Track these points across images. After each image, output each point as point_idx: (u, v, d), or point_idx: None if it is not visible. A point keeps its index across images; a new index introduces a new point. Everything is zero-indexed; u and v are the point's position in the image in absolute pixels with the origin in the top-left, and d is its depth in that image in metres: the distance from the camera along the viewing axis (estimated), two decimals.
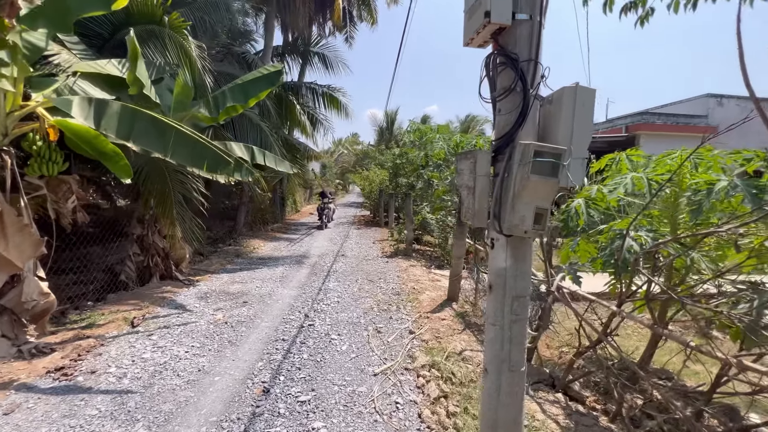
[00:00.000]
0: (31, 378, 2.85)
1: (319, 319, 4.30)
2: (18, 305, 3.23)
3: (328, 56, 12.64)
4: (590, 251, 3.03)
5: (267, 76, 5.21)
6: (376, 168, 15.72)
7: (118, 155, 3.48)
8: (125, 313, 4.25)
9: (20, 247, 3.23)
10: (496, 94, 1.88)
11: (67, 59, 4.03)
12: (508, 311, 1.84)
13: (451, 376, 3.06)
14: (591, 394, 3.02)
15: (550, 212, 1.74)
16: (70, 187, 3.96)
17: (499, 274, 1.85)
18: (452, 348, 3.54)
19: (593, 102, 1.72)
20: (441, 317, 4.37)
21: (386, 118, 26.50)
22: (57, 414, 2.42)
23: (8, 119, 3.24)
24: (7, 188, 3.25)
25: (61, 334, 3.63)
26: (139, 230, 5.51)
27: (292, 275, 6.36)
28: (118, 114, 3.30)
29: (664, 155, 2.84)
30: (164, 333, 3.77)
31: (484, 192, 1.87)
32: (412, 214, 8.70)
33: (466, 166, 1.91)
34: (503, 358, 1.86)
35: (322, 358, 3.34)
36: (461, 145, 8.82)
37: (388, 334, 3.91)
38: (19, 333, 3.28)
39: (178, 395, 2.69)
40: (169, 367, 3.09)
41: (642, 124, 14.48)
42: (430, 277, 6.42)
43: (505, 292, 1.84)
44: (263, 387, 2.81)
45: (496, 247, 1.88)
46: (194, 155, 3.61)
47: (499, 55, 1.82)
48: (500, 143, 1.83)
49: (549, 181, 1.63)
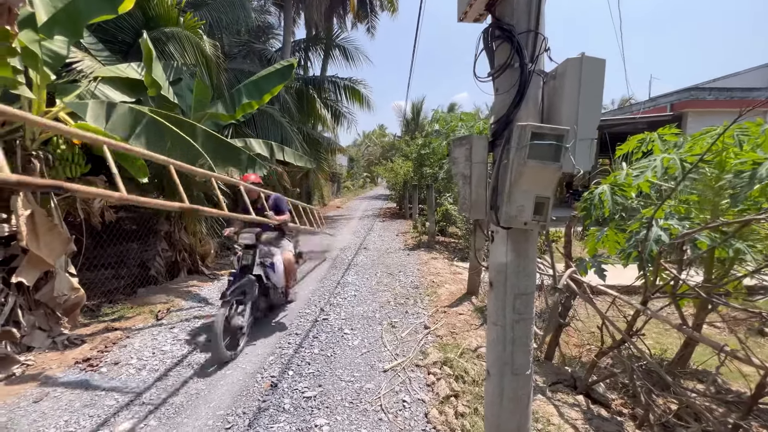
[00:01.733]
0: (61, 368, 3.04)
1: (334, 313, 4.29)
2: (51, 299, 3.45)
3: (349, 49, 12.55)
4: (620, 242, 2.77)
5: (279, 71, 5.21)
6: (400, 159, 15.54)
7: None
8: (152, 306, 4.46)
9: (51, 245, 3.44)
10: (492, 72, 1.71)
11: (90, 65, 4.22)
12: (510, 310, 1.69)
13: (464, 374, 2.93)
14: (618, 397, 2.78)
15: (552, 201, 1.56)
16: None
17: (499, 270, 1.71)
18: (467, 344, 3.40)
19: (602, 74, 1.51)
20: (459, 312, 4.22)
21: (412, 109, 26.11)
22: (79, 403, 2.56)
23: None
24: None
25: (93, 326, 3.86)
26: (167, 227, 5.75)
27: (312, 269, 6.41)
28: (125, 117, 3.40)
29: (703, 132, 2.51)
30: (185, 326, 3.91)
31: (481, 181, 1.72)
32: (435, 205, 8.50)
33: (461, 153, 1.76)
34: (506, 361, 1.72)
35: (333, 353, 3.32)
36: (485, 132, 8.47)
37: (402, 329, 3.83)
38: (53, 325, 3.51)
39: (190, 388, 2.76)
40: (186, 359, 3.19)
41: (690, 101, 13.24)
42: (451, 269, 6.25)
43: (506, 290, 1.69)
44: (271, 381, 2.83)
45: (495, 240, 1.73)
46: (190, 157, 3.66)
47: (495, 28, 1.64)
48: (497, 126, 1.67)
49: (549, 166, 1.45)
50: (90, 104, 3.32)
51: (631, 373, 2.25)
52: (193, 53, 5.31)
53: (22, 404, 2.55)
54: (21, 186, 1.81)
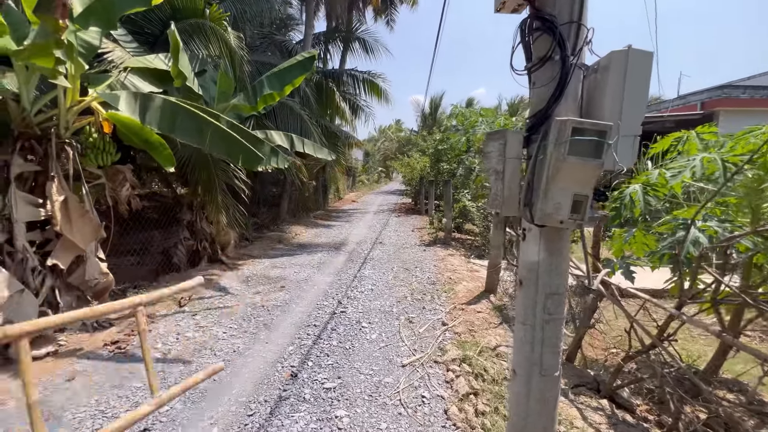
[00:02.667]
0: (91, 349, 3.15)
1: (351, 306, 4.31)
2: (83, 283, 3.58)
3: (369, 41, 12.46)
4: (649, 244, 2.68)
5: (301, 63, 5.22)
6: (417, 154, 15.44)
7: (162, 145, 3.68)
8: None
9: (82, 230, 3.56)
10: (530, 65, 1.66)
11: (120, 56, 4.30)
12: (540, 310, 1.65)
13: (483, 373, 2.91)
14: (642, 402, 2.71)
15: (590, 199, 1.51)
16: (124, 176, 4.29)
17: (530, 269, 1.67)
18: (486, 342, 3.37)
19: (649, 68, 1.45)
20: (477, 309, 4.18)
21: (430, 104, 25.87)
22: (109, 384, 2.66)
23: (69, 113, 3.53)
24: (70, 177, 3.57)
25: None
26: (189, 216, 5.88)
27: (329, 261, 6.46)
28: (160, 108, 3.46)
29: (746, 132, 2.39)
30: (206, 314, 4.00)
31: (514, 177, 1.68)
32: (452, 201, 8.42)
33: (494, 147, 1.72)
34: (534, 361, 1.69)
35: (351, 345, 3.34)
36: (506, 128, 8.31)
37: (419, 325, 3.82)
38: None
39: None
40: (208, 346, 3.27)
41: (722, 99, 12.66)
42: (468, 266, 6.19)
43: (537, 289, 1.66)
44: (291, 371, 2.87)
45: (527, 238, 1.69)
46: (230, 150, 3.71)
47: (535, 19, 1.59)
48: (534, 121, 1.62)
49: (590, 163, 1.40)
50: (123, 95, 3.40)
51: (661, 379, 2.18)
52: (218, 45, 5.36)
53: (56, 382, 2.66)
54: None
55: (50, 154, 3.43)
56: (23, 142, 3.43)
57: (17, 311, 2.95)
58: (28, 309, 3.03)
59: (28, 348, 1.64)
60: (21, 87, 3.35)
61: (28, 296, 3.06)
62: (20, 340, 1.63)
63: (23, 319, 2.97)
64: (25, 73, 3.33)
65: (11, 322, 2.90)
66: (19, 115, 3.42)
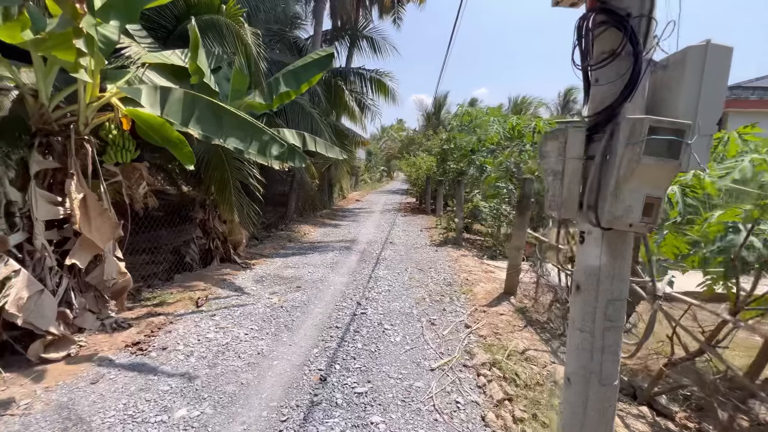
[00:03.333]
0: (112, 351, 3.08)
1: (371, 307, 4.24)
2: (101, 283, 3.51)
3: (376, 39, 12.37)
4: (680, 247, 2.62)
5: (318, 61, 5.15)
6: (424, 154, 15.37)
7: (183, 142, 3.60)
8: (191, 293, 4.51)
9: (101, 229, 3.48)
10: (592, 62, 1.59)
11: (137, 51, 4.23)
12: (601, 316, 1.59)
13: (515, 377, 2.84)
14: (680, 410, 2.64)
15: (663, 202, 1.44)
16: (141, 174, 4.21)
17: (590, 273, 1.60)
18: (514, 346, 3.30)
19: (728, 64, 1.38)
20: (499, 312, 4.12)
21: (434, 103, 25.78)
22: (134, 387, 2.59)
23: (88, 109, 3.46)
24: (89, 175, 3.50)
25: (136, 310, 3.92)
26: (201, 215, 5.81)
27: (342, 261, 6.39)
28: (180, 101, 3.40)
29: None
30: (225, 314, 3.93)
31: (575, 178, 1.61)
32: (463, 201, 8.36)
33: (553, 147, 1.65)
34: (593, 370, 1.62)
35: (376, 348, 3.27)
36: (517, 128, 8.25)
37: (442, 327, 3.75)
38: (102, 308, 3.58)
39: (240, 377, 2.75)
40: (231, 348, 3.20)
41: (732, 100, 12.57)
42: (482, 267, 6.13)
43: (598, 295, 1.59)
44: (320, 375, 2.80)
45: (587, 241, 1.62)
46: (248, 140, 3.65)
47: (600, 13, 1.52)
48: (598, 119, 1.55)
49: (667, 163, 1.34)
50: (144, 90, 3.32)
51: (710, 387, 2.11)
52: (233, 41, 5.28)
53: (80, 385, 2.59)
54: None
55: (69, 150, 3.36)
56: (41, 139, 3.35)
57: (36, 312, 2.88)
58: (47, 310, 2.96)
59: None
60: (39, 82, 3.27)
61: (47, 297, 2.99)
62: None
63: (42, 320, 2.91)
64: (43, 68, 3.26)
65: (31, 323, 2.83)
66: (37, 111, 3.34)
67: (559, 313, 3.76)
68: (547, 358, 3.16)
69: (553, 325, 3.82)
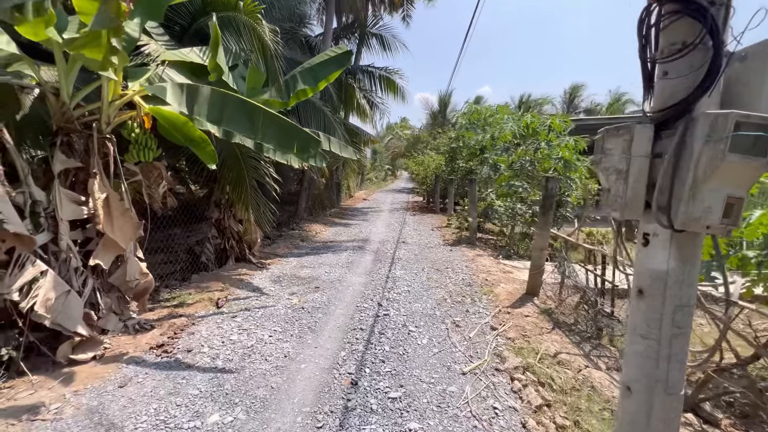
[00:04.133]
0: (137, 353, 3.04)
1: (392, 308, 4.17)
2: (123, 284, 3.47)
3: (386, 37, 12.30)
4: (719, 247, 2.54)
5: (336, 59, 5.06)
6: (432, 152, 15.26)
7: (205, 141, 3.55)
8: (210, 293, 4.46)
9: (123, 229, 3.44)
10: (661, 54, 1.50)
11: (156, 49, 4.17)
12: (668, 323, 1.51)
13: (550, 382, 2.77)
14: (724, 416, 2.56)
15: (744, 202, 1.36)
16: (160, 173, 4.16)
17: (656, 278, 1.52)
18: (545, 349, 3.22)
19: None
20: (523, 313, 4.04)
21: (439, 101, 25.65)
22: (163, 391, 2.53)
23: (110, 108, 3.41)
24: (111, 174, 3.45)
25: (157, 311, 3.87)
26: (217, 214, 5.76)
27: (357, 261, 6.33)
28: (208, 99, 3.34)
29: None
30: (246, 315, 3.88)
31: (640, 177, 1.53)
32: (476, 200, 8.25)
33: (617, 144, 1.56)
34: (658, 378, 1.54)
35: (404, 351, 3.20)
36: (532, 126, 8.15)
37: (468, 329, 3.68)
38: (124, 309, 3.53)
39: (269, 380, 2.70)
40: (257, 350, 3.14)
41: None
42: (500, 268, 6.04)
43: (665, 300, 1.51)
44: (351, 379, 2.74)
45: (652, 243, 1.54)
46: (283, 138, 3.60)
47: (671, 1, 1.43)
48: (667, 115, 1.47)
49: (753, 161, 1.26)
50: (169, 87, 3.26)
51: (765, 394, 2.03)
52: (249, 38, 5.22)
53: (108, 388, 2.54)
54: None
55: (92, 149, 3.31)
56: (63, 138, 3.31)
57: (64, 313, 2.84)
58: (74, 311, 2.91)
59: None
60: (61, 80, 3.22)
61: (74, 298, 2.95)
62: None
63: (69, 321, 2.87)
64: (65, 66, 3.21)
65: (59, 324, 2.79)
66: (58, 109, 3.29)
67: (589, 315, 3.67)
68: (581, 361, 3.08)
69: (582, 327, 3.73)
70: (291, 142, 3.66)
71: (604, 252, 3.53)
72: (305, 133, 3.72)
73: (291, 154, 3.77)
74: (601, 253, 3.55)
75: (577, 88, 29.75)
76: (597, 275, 3.64)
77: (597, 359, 3.15)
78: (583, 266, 3.81)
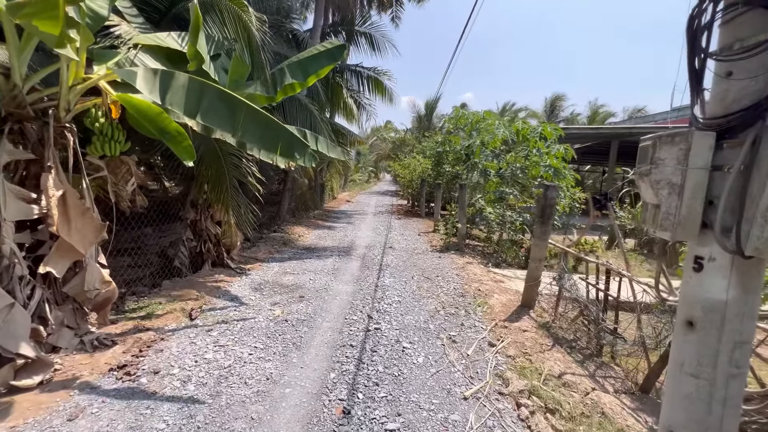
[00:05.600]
0: (94, 375, 2.63)
1: (384, 321, 3.89)
2: (80, 294, 3.04)
3: (376, 36, 12.03)
4: None
5: (328, 52, 4.77)
6: (419, 156, 15.11)
7: (182, 135, 3.17)
8: (182, 303, 4.05)
9: (82, 231, 3.02)
10: (722, 52, 1.31)
11: (128, 31, 3.76)
12: (726, 362, 1.30)
13: (558, 408, 2.56)
14: None
15: None
16: (129, 169, 3.73)
17: (711, 309, 1.31)
18: (548, 369, 3.03)
19: None
20: (521, 328, 3.84)
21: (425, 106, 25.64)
22: (122, 425, 2.16)
23: (71, 93, 2.99)
24: (69, 168, 3.03)
25: (121, 324, 3.45)
26: (193, 215, 5.32)
27: (343, 268, 6.01)
28: (185, 88, 2.97)
29: None
30: (224, 329, 3.51)
31: (698, 192, 1.32)
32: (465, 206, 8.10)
33: (671, 153, 1.35)
34: (710, 425, 1.33)
35: (399, 372, 2.93)
36: (523, 132, 8.08)
37: (465, 345, 3.45)
38: (80, 322, 3.10)
39: (249, 410, 2.36)
40: (235, 372, 2.79)
41: None
42: (491, 276, 5.87)
43: (722, 336, 1.30)
44: (343, 407, 2.44)
45: (707, 269, 1.34)
46: (266, 137, 3.26)
47: None
48: (733, 121, 1.27)
49: None
50: (140, 72, 2.87)
51: None
52: (234, 26, 4.85)
53: (55, 422, 2.15)
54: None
55: (46, 140, 2.88)
56: (12, 125, 2.87)
57: (6, 331, 2.41)
58: (19, 328, 2.48)
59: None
60: (12, 58, 2.79)
61: (18, 312, 2.51)
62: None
63: (12, 341, 2.44)
64: (17, 42, 2.78)
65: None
66: (8, 92, 2.85)
67: (590, 331, 3.51)
68: (587, 383, 2.89)
69: (581, 343, 3.57)
70: (275, 143, 3.34)
71: (610, 266, 3.38)
72: (291, 134, 3.40)
73: (274, 154, 3.43)
74: (606, 267, 3.40)
75: (558, 98, 30.45)
76: (600, 289, 3.49)
77: (603, 380, 2.98)
78: (585, 279, 3.66)
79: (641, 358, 3.06)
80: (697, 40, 1.42)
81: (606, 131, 13.95)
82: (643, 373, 2.95)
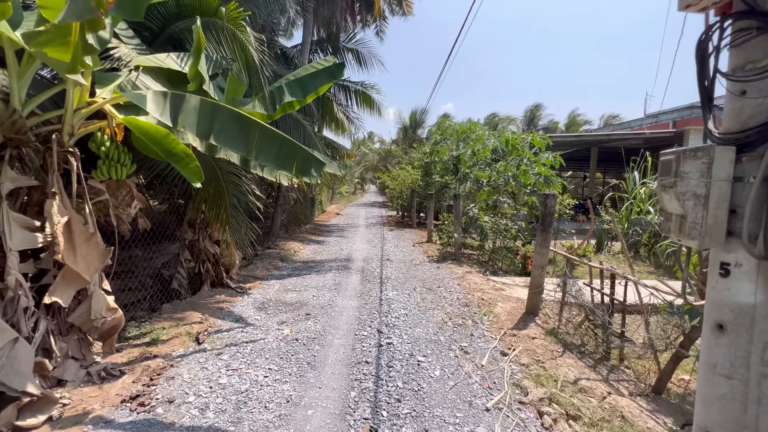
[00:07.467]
0: (106, 409, 2.52)
1: (394, 336, 3.88)
2: (86, 323, 2.93)
3: (362, 52, 12.22)
4: None
5: (328, 70, 4.84)
6: (409, 167, 15.27)
7: (189, 156, 3.13)
8: (187, 326, 3.94)
9: (88, 258, 2.93)
10: (735, 73, 1.43)
11: (127, 53, 3.74)
12: (757, 362, 1.37)
13: (579, 414, 2.60)
14: None
15: None
16: (130, 191, 3.66)
17: (740, 312, 1.39)
18: (564, 376, 3.08)
19: None
20: (529, 335, 3.90)
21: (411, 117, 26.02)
22: None
23: (75, 117, 2.94)
24: (73, 193, 2.95)
25: (126, 351, 3.32)
26: (191, 235, 5.22)
27: (344, 282, 5.98)
28: (197, 110, 2.96)
29: None
30: (234, 352, 3.43)
31: (722, 203, 1.42)
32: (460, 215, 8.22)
33: (694, 167, 1.45)
34: (746, 424, 1.40)
35: (418, 386, 2.92)
36: (512, 142, 8.31)
37: (478, 356, 3.47)
38: (86, 353, 2.98)
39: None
40: (253, 396, 2.73)
41: (692, 118, 13.53)
42: (491, 285, 5.94)
43: (752, 337, 1.38)
44: (369, 426, 2.41)
45: (735, 275, 1.42)
46: (282, 156, 3.26)
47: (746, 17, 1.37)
48: (750, 136, 1.37)
49: None
50: (150, 95, 2.85)
51: None
52: (230, 46, 4.86)
53: None
54: None
55: (50, 165, 2.81)
56: (12, 151, 2.78)
57: (9, 368, 2.30)
58: (23, 364, 2.37)
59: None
60: (12, 82, 2.73)
61: (23, 347, 2.40)
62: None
63: (17, 378, 2.33)
64: (17, 67, 2.73)
65: (2, 384, 2.25)
66: (7, 118, 2.77)
67: (598, 336, 3.59)
68: (602, 387, 2.95)
69: (590, 348, 3.65)
70: (290, 162, 3.34)
71: (615, 271, 3.49)
72: (307, 152, 3.42)
73: (290, 173, 3.43)
74: (610, 272, 3.51)
75: (537, 107, 31.45)
76: (605, 294, 3.59)
77: (617, 384, 3.04)
78: (589, 285, 3.76)
79: (651, 360, 3.15)
80: (705, 62, 1.54)
81: (588, 138, 14.47)
82: (654, 374, 3.04)
